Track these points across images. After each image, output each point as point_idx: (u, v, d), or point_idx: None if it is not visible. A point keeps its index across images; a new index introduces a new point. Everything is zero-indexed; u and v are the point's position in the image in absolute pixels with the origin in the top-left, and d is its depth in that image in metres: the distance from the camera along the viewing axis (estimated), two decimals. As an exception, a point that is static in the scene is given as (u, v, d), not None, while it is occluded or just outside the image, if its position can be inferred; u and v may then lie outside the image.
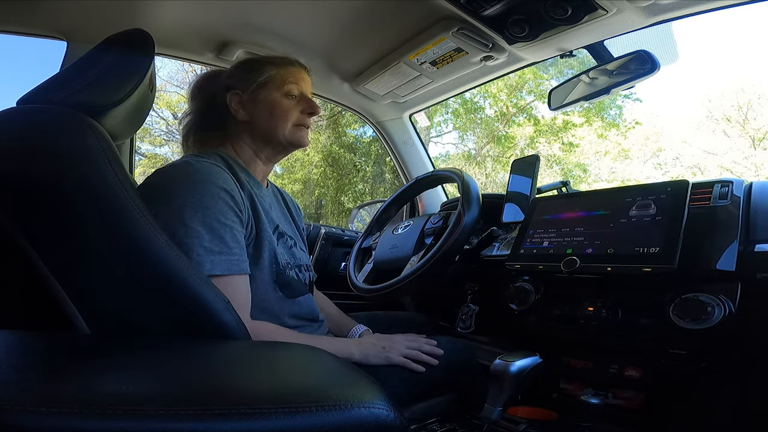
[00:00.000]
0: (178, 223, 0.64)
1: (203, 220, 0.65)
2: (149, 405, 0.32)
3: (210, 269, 0.64)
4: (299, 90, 0.86)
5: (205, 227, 0.65)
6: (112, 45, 0.61)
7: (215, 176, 0.69)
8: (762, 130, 9.05)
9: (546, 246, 0.85)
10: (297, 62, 0.90)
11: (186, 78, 10.31)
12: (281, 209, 0.91)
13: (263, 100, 0.83)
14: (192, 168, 0.70)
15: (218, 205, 0.67)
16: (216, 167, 0.71)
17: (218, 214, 0.67)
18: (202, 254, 0.64)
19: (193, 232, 0.64)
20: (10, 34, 1.07)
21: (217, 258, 0.65)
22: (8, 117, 0.55)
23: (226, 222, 0.68)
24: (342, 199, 9.23)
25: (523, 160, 1.16)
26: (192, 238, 0.64)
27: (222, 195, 0.68)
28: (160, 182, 0.70)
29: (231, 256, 0.67)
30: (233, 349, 0.55)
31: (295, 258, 0.84)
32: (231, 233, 0.68)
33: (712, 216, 0.71)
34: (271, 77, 0.84)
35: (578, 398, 0.66)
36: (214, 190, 0.68)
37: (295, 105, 0.85)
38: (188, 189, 0.67)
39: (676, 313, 0.65)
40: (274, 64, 0.86)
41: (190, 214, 0.65)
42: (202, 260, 0.64)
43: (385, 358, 0.80)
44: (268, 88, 0.84)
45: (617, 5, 0.88)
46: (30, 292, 0.54)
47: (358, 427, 0.36)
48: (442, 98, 1.50)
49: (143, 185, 0.71)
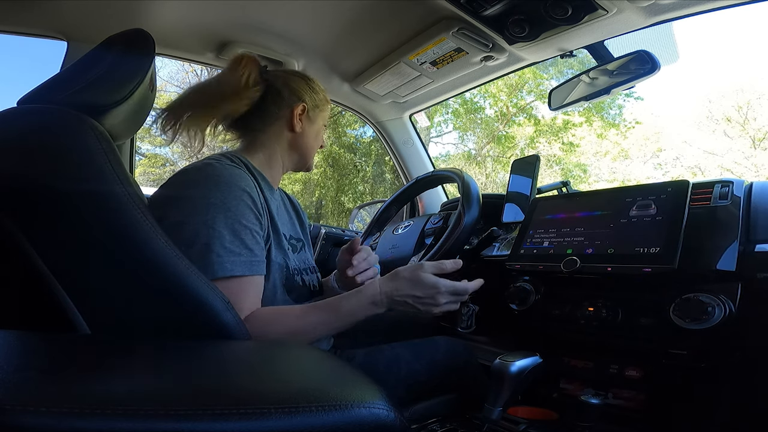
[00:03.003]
0: (201, 223, 0.65)
1: (225, 222, 0.66)
2: (149, 405, 0.32)
3: (230, 270, 0.65)
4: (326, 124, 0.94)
5: (227, 228, 0.66)
6: (112, 45, 0.61)
7: (237, 178, 0.70)
8: (762, 130, 9.04)
9: (546, 246, 0.85)
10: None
11: (186, 78, 10.32)
12: (288, 213, 0.91)
13: (316, 123, 0.88)
14: (215, 170, 0.70)
15: (240, 207, 0.68)
16: (238, 170, 0.73)
17: (240, 216, 0.68)
18: (222, 255, 0.64)
19: (214, 233, 0.65)
20: (10, 34, 1.08)
21: (238, 259, 0.66)
22: (8, 117, 0.55)
23: (247, 224, 0.68)
24: (342, 199, 9.23)
25: (523, 160, 1.16)
26: (213, 239, 0.64)
27: (244, 198, 0.69)
28: (183, 183, 0.71)
29: (252, 258, 0.68)
30: (233, 349, 0.55)
31: (303, 261, 0.85)
32: (251, 235, 0.69)
33: (712, 216, 0.71)
34: (325, 106, 0.90)
35: (578, 398, 0.66)
36: (236, 192, 0.69)
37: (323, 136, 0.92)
38: (211, 190, 0.68)
39: (676, 313, 0.65)
40: (324, 95, 0.91)
41: (213, 214, 0.66)
42: (222, 260, 0.64)
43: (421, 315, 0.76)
44: (321, 113, 0.89)
45: (617, 5, 0.88)
46: (30, 292, 0.54)
47: (358, 427, 0.36)
48: (442, 98, 1.50)
49: (165, 185, 0.72)
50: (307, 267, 0.86)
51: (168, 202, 0.68)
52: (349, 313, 0.71)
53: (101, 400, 0.31)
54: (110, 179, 0.53)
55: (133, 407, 0.31)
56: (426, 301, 0.72)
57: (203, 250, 0.64)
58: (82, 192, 0.52)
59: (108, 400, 0.31)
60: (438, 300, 0.72)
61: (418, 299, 0.72)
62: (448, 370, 0.84)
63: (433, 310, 0.72)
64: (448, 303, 0.73)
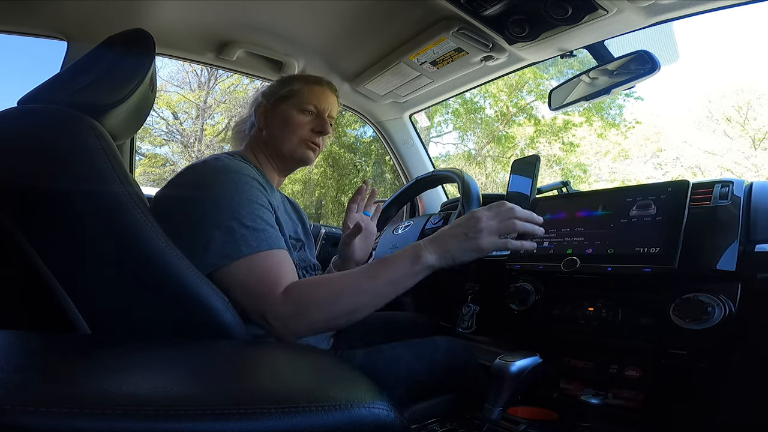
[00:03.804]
0: (217, 208, 0.66)
1: (241, 203, 0.67)
2: (149, 405, 0.32)
3: (256, 246, 0.65)
4: (318, 108, 0.88)
5: (244, 209, 0.67)
6: (112, 45, 0.61)
7: (245, 168, 0.73)
8: (762, 130, 9.04)
9: (546, 246, 0.85)
10: (326, 82, 0.92)
11: (186, 78, 10.33)
12: (288, 214, 0.92)
13: (280, 113, 0.87)
14: (222, 162, 0.73)
15: (252, 191, 0.70)
16: (243, 164, 0.76)
17: (254, 197, 0.70)
18: (246, 233, 0.65)
19: (234, 214, 0.66)
20: (10, 34, 1.08)
21: (261, 234, 0.67)
22: (8, 117, 0.55)
23: (263, 204, 0.70)
24: (342, 199, 9.23)
25: (523, 160, 1.15)
26: (233, 220, 0.65)
27: (255, 184, 0.72)
28: (193, 177, 0.73)
29: (276, 233, 0.70)
30: (233, 349, 0.55)
31: (304, 260, 0.85)
32: (267, 214, 0.70)
33: (712, 216, 0.71)
34: (293, 92, 0.87)
35: (578, 398, 0.66)
36: (246, 179, 0.71)
37: (308, 122, 0.87)
38: (222, 178, 0.70)
39: (676, 313, 0.65)
40: (302, 81, 0.89)
41: (228, 198, 0.67)
42: (247, 239, 0.65)
43: (475, 250, 0.66)
44: (288, 103, 0.87)
45: (617, 5, 0.88)
46: (30, 292, 0.54)
47: (358, 427, 0.36)
48: (442, 98, 1.50)
49: (174, 183, 0.75)
50: (307, 266, 0.86)
51: (181, 196, 0.71)
52: (392, 265, 0.65)
53: (101, 400, 0.31)
54: (110, 179, 0.53)
55: (133, 407, 0.31)
56: (470, 225, 0.66)
57: (226, 233, 0.65)
58: (82, 192, 0.52)
59: (108, 400, 0.31)
60: (480, 217, 0.66)
61: (462, 226, 0.66)
62: (447, 370, 0.84)
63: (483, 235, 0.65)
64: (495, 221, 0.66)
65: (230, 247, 0.64)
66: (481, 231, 0.66)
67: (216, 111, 10.67)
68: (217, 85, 10.49)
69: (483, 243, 0.66)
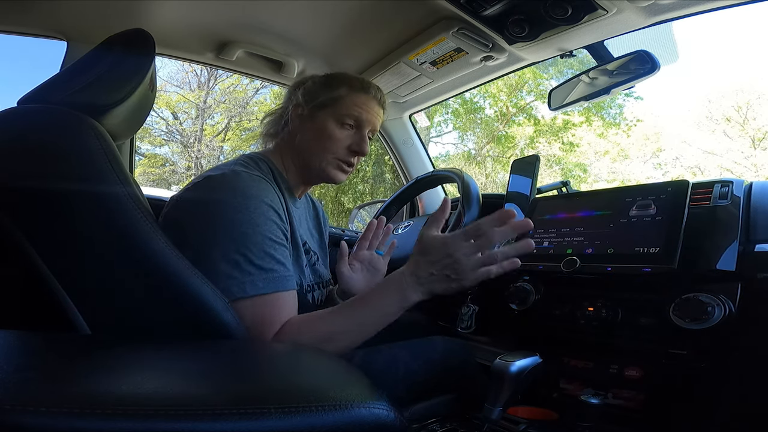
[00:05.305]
0: (227, 236, 0.63)
1: (253, 236, 0.64)
2: (149, 405, 0.32)
3: (262, 287, 0.63)
4: (359, 121, 0.81)
5: (256, 245, 0.64)
6: (112, 45, 0.62)
7: (263, 192, 0.68)
8: (762, 130, 9.05)
9: (546, 246, 0.85)
10: (375, 90, 0.84)
11: (186, 78, 10.32)
12: (308, 223, 0.90)
13: (317, 121, 0.80)
14: (242, 182, 0.68)
15: (267, 224, 0.66)
16: (264, 182, 0.70)
17: (267, 231, 0.66)
18: (253, 272, 0.63)
19: (242, 248, 0.63)
20: (10, 34, 1.07)
21: (269, 275, 0.64)
22: (8, 117, 0.55)
23: (276, 239, 0.67)
24: (342, 199, 9.23)
25: (523, 160, 1.15)
26: (240, 255, 0.63)
27: (270, 214, 0.68)
28: (209, 191, 0.68)
29: (286, 272, 0.66)
30: (233, 349, 0.55)
31: (319, 276, 0.84)
32: (280, 250, 0.67)
33: (712, 216, 0.71)
34: (334, 99, 0.80)
35: (578, 398, 0.66)
36: (263, 207, 0.67)
37: (345, 137, 0.80)
38: (238, 202, 0.65)
39: (676, 313, 0.65)
40: (348, 86, 0.81)
41: (240, 227, 0.64)
42: (254, 279, 0.63)
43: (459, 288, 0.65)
44: (326, 110, 0.80)
45: (617, 5, 0.88)
46: (30, 292, 0.54)
47: (358, 427, 0.36)
48: (442, 98, 1.50)
49: (191, 188, 0.70)
50: (320, 282, 0.85)
51: (194, 211, 0.67)
52: (378, 305, 0.66)
53: (101, 400, 0.31)
54: (110, 179, 0.53)
55: (132, 407, 0.31)
56: (447, 264, 0.62)
57: (233, 268, 0.62)
58: (82, 192, 0.52)
59: (108, 400, 0.31)
60: (457, 258, 0.61)
61: (439, 265, 0.63)
62: (447, 370, 0.84)
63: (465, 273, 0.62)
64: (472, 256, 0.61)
65: (235, 284, 0.62)
66: (464, 272, 0.63)
67: (216, 111, 10.68)
68: (217, 85, 10.49)
69: (467, 282, 0.64)
